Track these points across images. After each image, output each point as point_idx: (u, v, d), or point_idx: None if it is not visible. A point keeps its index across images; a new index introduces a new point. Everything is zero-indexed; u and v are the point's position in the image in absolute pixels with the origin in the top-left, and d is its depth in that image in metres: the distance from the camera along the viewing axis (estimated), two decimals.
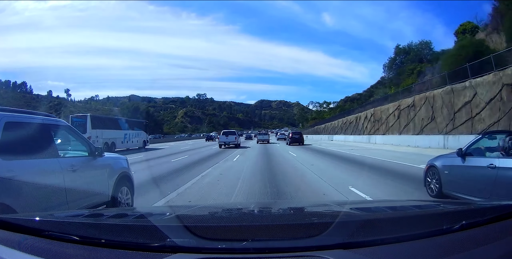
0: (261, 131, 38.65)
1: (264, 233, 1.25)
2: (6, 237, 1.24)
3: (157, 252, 1.14)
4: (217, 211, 2.14)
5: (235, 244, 1.15)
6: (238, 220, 1.69)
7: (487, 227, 1.29)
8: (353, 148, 21.13)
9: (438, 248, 1.12)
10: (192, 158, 16.16)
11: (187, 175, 9.22)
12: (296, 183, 7.56)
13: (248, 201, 5.54)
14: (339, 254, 1.08)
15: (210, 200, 5.85)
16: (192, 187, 7.34)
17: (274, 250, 1.13)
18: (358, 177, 8.27)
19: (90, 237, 1.23)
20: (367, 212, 1.95)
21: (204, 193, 6.61)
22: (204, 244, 1.15)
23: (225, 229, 1.32)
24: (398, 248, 1.13)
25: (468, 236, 1.21)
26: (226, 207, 2.65)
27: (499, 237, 1.21)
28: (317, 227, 1.27)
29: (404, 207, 2.05)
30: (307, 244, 1.14)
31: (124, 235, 1.26)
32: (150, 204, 5.45)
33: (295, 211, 2.04)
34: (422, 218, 1.47)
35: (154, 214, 1.88)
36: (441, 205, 2.08)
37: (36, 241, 1.22)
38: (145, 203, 5.52)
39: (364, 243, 1.15)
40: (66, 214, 1.95)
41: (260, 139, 33.82)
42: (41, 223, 1.38)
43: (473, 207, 1.78)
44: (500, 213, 1.39)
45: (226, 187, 7.21)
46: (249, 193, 6.40)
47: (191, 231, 1.20)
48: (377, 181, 7.70)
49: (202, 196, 6.37)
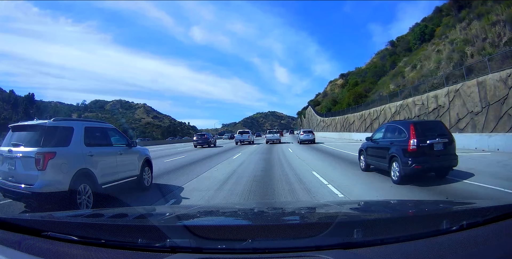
0: (271, 130, 35.80)
1: (264, 233, 1.25)
2: (6, 237, 1.24)
3: (157, 252, 1.14)
4: (217, 211, 2.14)
5: (235, 244, 1.15)
6: (238, 220, 1.69)
7: (487, 227, 1.28)
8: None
9: (438, 248, 1.12)
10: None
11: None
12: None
13: (248, 201, 5.54)
14: (338, 254, 1.08)
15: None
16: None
17: (274, 250, 1.13)
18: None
19: (90, 237, 1.23)
20: (366, 212, 1.95)
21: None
22: (204, 244, 1.15)
23: (225, 229, 1.32)
24: (398, 248, 1.12)
25: (468, 236, 1.21)
26: (226, 207, 2.65)
27: (499, 237, 1.21)
28: (317, 227, 1.27)
29: (404, 207, 2.05)
30: (307, 244, 1.14)
31: (124, 235, 1.26)
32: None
33: (295, 211, 2.04)
34: (422, 218, 1.47)
35: (154, 214, 1.88)
36: (441, 205, 2.08)
37: (36, 241, 1.22)
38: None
39: (363, 243, 1.15)
40: (66, 214, 1.95)
41: (270, 139, 29.62)
42: (40, 223, 1.38)
43: (473, 207, 1.78)
44: (500, 213, 1.39)
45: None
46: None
47: (191, 231, 1.20)
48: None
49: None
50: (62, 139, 4.79)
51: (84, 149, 5.06)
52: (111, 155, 5.78)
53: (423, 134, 6.64)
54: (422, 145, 6.49)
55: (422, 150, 6.47)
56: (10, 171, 4.64)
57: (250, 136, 31.13)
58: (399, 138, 6.99)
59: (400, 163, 6.56)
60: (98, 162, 5.21)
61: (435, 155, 6.57)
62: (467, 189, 6.05)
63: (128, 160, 6.23)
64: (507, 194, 5.45)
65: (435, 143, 6.57)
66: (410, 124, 6.84)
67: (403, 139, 6.76)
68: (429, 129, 6.99)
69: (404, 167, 6.43)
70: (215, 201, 5.65)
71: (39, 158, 4.36)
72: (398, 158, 6.67)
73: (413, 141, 6.50)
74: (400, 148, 6.74)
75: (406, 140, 6.65)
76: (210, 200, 5.73)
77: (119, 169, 5.84)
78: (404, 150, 6.63)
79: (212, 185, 7.20)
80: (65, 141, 4.82)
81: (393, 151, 6.94)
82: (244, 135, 30.75)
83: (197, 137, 28.05)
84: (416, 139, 6.49)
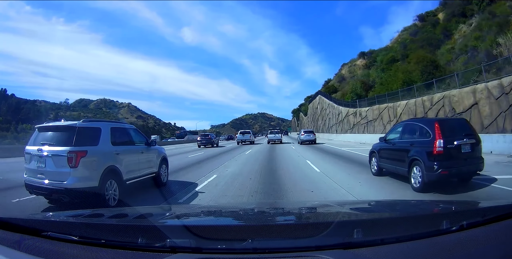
0: (272, 130, 36.16)
1: (264, 233, 1.25)
2: (6, 237, 1.23)
3: (157, 252, 1.14)
4: (217, 211, 2.14)
5: (235, 244, 1.15)
6: (238, 220, 1.69)
7: (487, 227, 1.28)
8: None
9: (438, 248, 1.12)
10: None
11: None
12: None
13: (248, 201, 5.54)
14: (338, 254, 1.07)
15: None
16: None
17: (274, 250, 1.13)
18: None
19: (90, 237, 1.23)
20: (366, 212, 1.95)
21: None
22: (204, 244, 1.15)
23: (225, 229, 1.32)
24: (398, 248, 1.12)
25: (468, 236, 1.21)
26: (226, 207, 2.65)
27: (499, 237, 1.21)
28: (317, 227, 1.27)
29: (404, 207, 2.05)
30: (307, 244, 1.14)
31: (124, 235, 1.26)
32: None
33: (295, 211, 2.04)
34: (422, 218, 1.47)
35: (154, 214, 1.88)
36: (441, 205, 2.08)
37: (36, 241, 1.22)
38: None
39: (363, 243, 1.15)
40: (66, 214, 1.94)
41: (271, 139, 30.09)
42: (40, 223, 1.38)
43: (473, 207, 1.78)
44: (500, 213, 1.39)
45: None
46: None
47: (191, 231, 1.19)
48: None
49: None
50: (91, 139, 5.15)
51: (111, 148, 5.46)
52: (134, 153, 6.21)
53: (449, 133, 5.85)
54: (450, 146, 5.68)
55: (449, 152, 5.68)
56: (39, 169, 4.88)
57: (251, 136, 32.77)
58: (421, 139, 6.21)
59: (423, 167, 5.75)
60: (123, 160, 5.63)
61: (463, 158, 5.79)
62: (504, 194, 5.44)
63: (148, 158, 6.71)
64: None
65: (463, 144, 5.78)
66: (435, 122, 6.03)
67: (427, 139, 5.96)
68: (455, 128, 6.17)
69: (429, 172, 5.63)
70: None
71: (71, 157, 4.67)
72: (420, 162, 5.88)
73: (440, 142, 5.67)
74: (424, 150, 5.92)
75: (430, 141, 5.83)
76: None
77: (141, 166, 6.33)
78: (428, 152, 5.81)
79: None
80: (94, 140, 5.18)
81: (414, 154, 6.14)
82: (245, 135, 32.06)
83: (201, 138, 29.76)
84: (442, 140, 5.68)
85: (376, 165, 7.94)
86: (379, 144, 7.97)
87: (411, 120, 7.69)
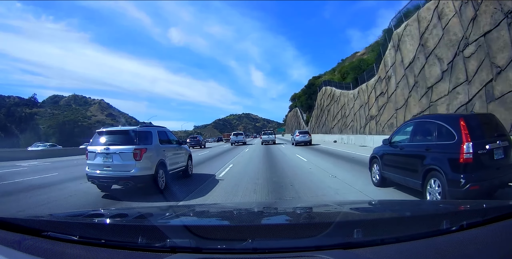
0: (266, 131, 36.41)
1: (264, 233, 1.25)
2: (6, 237, 1.23)
3: (157, 252, 1.14)
4: (217, 211, 2.14)
5: (235, 244, 1.15)
6: (238, 220, 1.69)
7: (487, 227, 1.28)
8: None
9: (438, 248, 1.11)
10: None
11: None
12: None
13: (248, 201, 5.54)
14: (339, 254, 1.07)
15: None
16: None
17: (274, 250, 1.13)
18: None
19: (90, 237, 1.23)
20: (366, 212, 1.95)
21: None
22: (204, 244, 1.15)
23: (225, 229, 1.32)
24: (398, 248, 1.12)
25: (468, 236, 1.21)
26: (226, 207, 2.65)
27: (499, 237, 1.21)
28: (317, 227, 1.27)
29: (404, 207, 2.05)
30: (307, 244, 1.14)
31: (124, 235, 1.26)
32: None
33: (295, 211, 2.03)
34: (422, 218, 1.47)
35: (154, 214, 1.88)
36: (441, 205, 2.08)
37: (36, 241, 1.22)
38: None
39: (363, 243, 1.15)
40: (66, 214, 1.94)
41: (265, 140, 30.53)
42: (40, 223, 1.38)
43: (473, 207, 1.78)
44: (500, 213, 1.39)
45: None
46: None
47: (191, 231, 1.20)
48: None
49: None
50: (147, 140, 6.76)
51: (160, 146, 7.15)
52: (173, 150, 7.95)
53: (479, 134, 4.44)
54: (481, 152, 4.25)
55: (480, 160, 4.26)
56: (105, 163, 6.29)
57: (244, 138, 35.66)
58: (440, 142, 4.69)
59: (444, 181, 4.33)
60: (167, 155, 7.35)
61: (495, 167, 4.43)
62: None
63: (181, 154, 8.56)
64: None
65: (495, 149, 4.39)
66: (459, 119, 4.48)
67: (450, 143, 4.47)
68: (483, 126, 4.73)
69: (453, 188, 4.21)
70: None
71: (136, 153, 6.23)
72: (440, 174, 4.42)
73: (468, 146, 4.21)
74: (445, 158, 4.46)
75: (455, 145, 4.35)
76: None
77: (177, 160, 8.17)
78: (451, 160, 4.35)
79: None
80: (149, 140, 6.80)
81: (431, 162, 4.66)
82: (238, 136, 34.68)
83: (190, 139, 32.11)
84: (472, 143, 4.22)
85: (379, 174, 6.41)
86: (382, 147, 6.43)
87: (425, 116, 5.98)
